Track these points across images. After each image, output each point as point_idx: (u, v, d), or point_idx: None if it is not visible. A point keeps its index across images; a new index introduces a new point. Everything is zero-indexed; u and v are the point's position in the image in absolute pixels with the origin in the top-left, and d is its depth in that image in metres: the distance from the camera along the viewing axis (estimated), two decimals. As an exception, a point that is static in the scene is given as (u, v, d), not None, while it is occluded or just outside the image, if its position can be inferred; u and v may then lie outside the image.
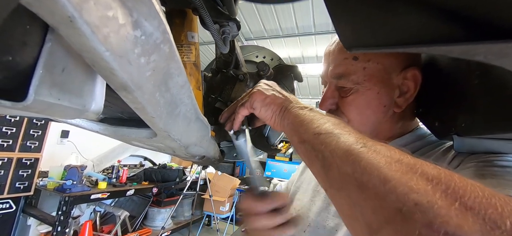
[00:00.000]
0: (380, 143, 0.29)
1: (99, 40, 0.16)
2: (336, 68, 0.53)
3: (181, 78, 0.30)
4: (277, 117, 0.46)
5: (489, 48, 0.15)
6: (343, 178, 0.28)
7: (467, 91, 0.42)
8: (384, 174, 0.24)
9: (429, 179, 0.23)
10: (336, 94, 0.55)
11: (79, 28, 0.14)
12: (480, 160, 0.41)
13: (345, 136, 0.31)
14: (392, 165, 0.25)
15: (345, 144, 0.30)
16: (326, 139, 0.33)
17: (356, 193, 0.26)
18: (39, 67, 0.17)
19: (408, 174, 0.23)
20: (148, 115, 0.28)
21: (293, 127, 0.41)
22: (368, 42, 0.19)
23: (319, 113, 0.40)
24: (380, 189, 0.24)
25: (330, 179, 0.31)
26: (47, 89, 0.18)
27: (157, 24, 0.20)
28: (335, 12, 0.19)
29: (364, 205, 0.25)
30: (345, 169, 0.28)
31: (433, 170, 0.24)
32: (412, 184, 0.22)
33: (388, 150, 0.27)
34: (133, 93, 0.23)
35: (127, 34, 0.18)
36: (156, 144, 0.48)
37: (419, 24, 0.17)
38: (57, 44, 0.18)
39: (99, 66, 0.18)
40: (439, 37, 0.16)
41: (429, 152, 0.51)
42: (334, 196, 0.31)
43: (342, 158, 0.29)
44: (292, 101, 0.45)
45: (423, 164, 0.24)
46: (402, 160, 0.25)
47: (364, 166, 0.26)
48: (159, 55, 0.23)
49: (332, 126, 0.35)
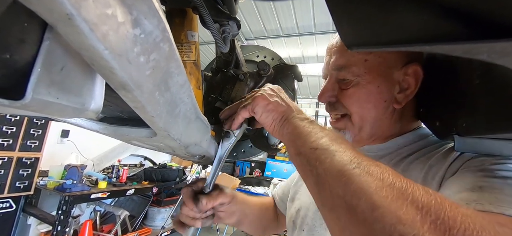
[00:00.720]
0: (376, 163, 0.29)
1: (98, 38, 0.16)
2: (338, 59, 0.53)
3: (181, 77, 0.30)
4: (277, 125, 0.46)
5: (492, 47, 0.15)
6: (334, 200, 0.28)
7: (468, 91, 0.42)
8: (373, 201, 0.24)
9: (418, 207, 0.22)
10: (336, 87, 0.55)
11: (78, 26, 0.14)
12: (480, 167, 0.40)
13: (340, 154, 0.31)
14: (383, 190, 0.24)
15: (338, 164, 0.29)
16: (321, 156, 0.32)
17: (345, 217, 0.26)
18: (37, 66, 0.17)
19: (398, 201, 0.23)
20: (147, 114, 0.28)
21: (291, 138, 0.41)
22: (369, 41, 0.19)
23: (319, 126, 0.40)
24: (368, 215, 0.23)
25: (322, 198, 0.31)
26: (45, 88, 0.18)
27: (156, 22, 0.20)
28: (336, 10, 0.19)
29: (353, 230, 0.25)
30: (336, 190, 0.28)
31: (424, 196, 0.23)
32: (400, 213, 0.22)
33: (382, 172, 0.27)
34: (132, 92, 0.22)
35: (126, 33, 0.18)
36: (156, 144, 0.47)
37: (420, 22, 0.16)
38: (55, 42, 0.18)
39: (98, 64, 0.18)
40: (441, 36, 0.16)
41: (431, 153, 0.50)
42: (326, 216, 0.31)
43: (335, 178, 0.29)
44: (294, 111, 0.45)
45: (415, 189, 0.24)
46: (394, 185, 0.25)
47: (354, 190, 0.26)
48: (158, 54, 0.23)
49: (329, 141, 0.34)
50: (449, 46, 0.16)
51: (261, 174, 4.99)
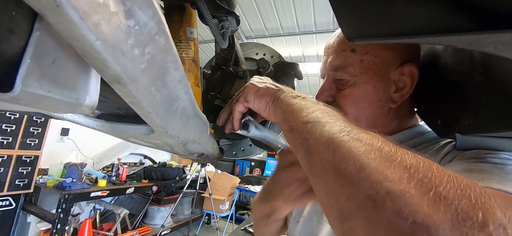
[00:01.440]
0: (367, 132, 0.29)
1: (89, 27, 0.15)
2: (334, 60, 0.53)
3: (178, 73, 0.30)
4: (270, 107, 0.45)
5: (499, 38, 0.14)
6: (323, 166, 0.28)
7: (470, 89, 0.41)
8: (361, 162, 0.24)
9: (406, 167, 0.22)
10: (333, 87, 0.55)
11: (67, 14, 0.14)
12: (472, 156, 0.41)
13: (330, 125, 0.31)
14: (371, 153, 0.24)
15: (329, 132, 0.29)
16: (312, 128, 0.32)
17: (333, 180, 0.26)
18: (26, 57, 0.16)
19: (386, 163, 0.23)
20: (144, 110, 0.27)
21: (284, 117, 0.41)
22: (372, 33, 0.18)
23: (311, 101, 0.39)
24: (355, 176, 0.24)
25: (311, 166, 0.31)
26: (36, 81, 0.17)
27: (151, 13, 0.19)
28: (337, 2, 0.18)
29: (339, 192, 0.25)
30: (325, 157, 0.28)
31: (412, 159, 0.23)
32: (387, 172, 0.22)
33: (371, 138, 0.27)
34: (127, 86, 0.22)
35: (119, 23, 0.17)
36: (154, 141, 0.47)
37: (424, 13, 0.16)
38: (46, 34, 0.17)
39: (91, 56, 0.17)
40: (446, 27, 0.16)
41: (426, 149, 0.51)
42: (314, 183, 0.31)
43: (324, 146, 0.29)
44: (285, 91, 0.45)
45: (404, 153, 0.24)
46: (383, 148, 0.25)
47: (343, 153, 0.26)
48: (154, 47, 0.22)
49: (320, 114, 0.34)
50: (454, 37, 0.15)
51: (261, 173, 4.99)
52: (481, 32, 0.14)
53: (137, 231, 3.04)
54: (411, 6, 0.16)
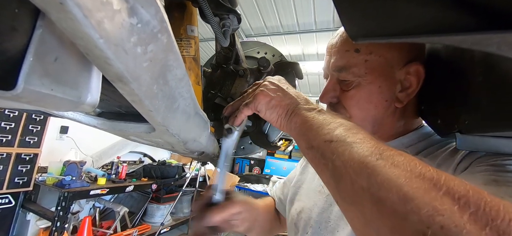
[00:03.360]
0: (399, 152, 0.27)
1: (92, 25, 0.15)
2: (338, 60, 0.52)
3: (179, 71, 0.29)
4: (283, 120, 0.44)
5: (503, 38, 0.14)
6: (357, 193, 0.26)
7: (471, 88, 0.41)
8: (405, 192, 0.22)
9: (455, 198, 0.20)
10: (337, 87, 0.54)
11: (70, 11, 0.13)
12: (490, 163, 0.39)
13: (359, 145, 0.29)
14: (413, 180, 0.23)
15: (359, 155, 0.27)
16: (338, 148, 0.30)
17: (371, 210, 0.24)
18: (29, 55, 0.16)
19: (432, 192, 0.21)
20: (145, 108, 0.27)
21: (300, 132, 0.39)
22: (375, 32, 0.18)
23: (329, 116, 0.37)
24: (400, 208, 0.22)
25: (342, 192, 0.29)
26: (38, 79, 0.17)
27: (154, 11, 0.19)
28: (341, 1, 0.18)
29: (381, 224, 0.23)
30: (359, 183, 0.26)
31: (459, 187, 0.21)
32: (436, 204, 0.20)
33: (408, 162, 0.25)
34: (129, 85, 0.22)
35: (122, 21, 0.17)
36: (155, 139, 0.47)
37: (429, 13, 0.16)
38: (48, 31, 0.17)
39: (93, 54, 0.17)
40: (449, 27, 0.16)
41: (436, 152, 0.50)
42: (346, 210, 0.29)
43: (356, 171, 0.27)
44: (299, 102, 0.43)
45: (448, 179, 0.22)
46: (424, 175, 0.23)
47: (381, 181, 0.24)
48: (156, 45, 0.22)
49: (344, 132, 0.32)
50: (458, 37, 0.15)
51: (260, 171, 5.00)
52: (485, 32, 0.14)
53: (137, 229, 3.04)
54: (415, 5, 0.16)
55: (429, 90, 0.53)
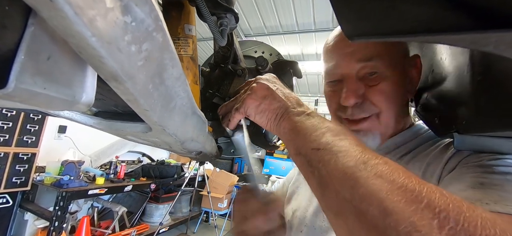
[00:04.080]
0: (384, 160, 0.27)
1: (84, 23, 0.15)
2: (363, 50, 0.49)
3: (176, 70, 0.29)
4: (273, 124, 0.43)
5: (501, 37, 0.14)
6: (341, 204, 0.26)
7: (469, 88, 0.41)
8: (385, 206, 0.22)
9: (435, 212, 0.21)
10: (360, 85, 0.51)
11: (61, 9, 0.13)
12: (478, 163, 0.40)
13: (343, 155, 0.28)
14: (394, 193, 0.23)
15: (343, 165, 0.27)
16: (324, 156, 0.30)
17: (353, 222, 0.24)
18: (20, 53, 0.16)
19: (412, 205, 0.21)
20: (141, 107, 0.27)
21: (289, 137, 0.38)
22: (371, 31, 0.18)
23: (317, 120, 0.37)
24: (380, 222, 0.22)
25: (327, 201, 0.29)
26: (30, 77, 0.17)
27: (148, 10, 0.19)
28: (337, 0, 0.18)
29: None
30: (343, 195, 0.26)
31: (440, 199, 0.21)
32: (415, 219, 0.20)
33: (392, 172, 0.25)
34: (124, 84, 0.22)
35: (115, 19, 0.17)
36: (152, 139, 0.47)
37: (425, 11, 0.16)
38: (40, 29, 0.17)
39: (86, 53, 0.17)
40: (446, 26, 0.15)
41: (426, 151, 0.50)
42: (331, 220, 0.29)
43: (340, 181, 0.27)
44: (289, 106, 0.41)
45: (429, 192, 0.22)
46: (406, 186, 0.23)
47: (363, 194, 0.24)
48: (151, 44, 0.22)
49: (331, 138, 0.32)
50: (454, 36, 0.15)
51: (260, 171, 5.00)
52: (482, 31, 0.14)
53: (135, 229, 3.03)
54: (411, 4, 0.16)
55: (427, 90, 0.53)
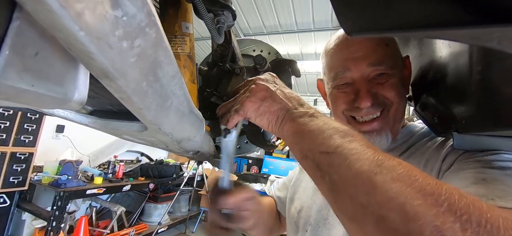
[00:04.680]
0: (398, 161, 0.26)
1: (71, 17, 0.14)
2: (371, 56, 0.52)
3: (171, 67, 0.29)
4: (274, 127, 0.42)
5: (505, 32, 0.14)
6: (357, 209, 0.25)
7: (469, 87, 0.41)
8: (406, 211, 0.22)
9: (457, 215, 0.20)
10: (372, 85, 0.53)
11: (46, 2, 0.13)
12: (476, 158, 0.40)
13: (355, 157, 0.27)
14: (414, 197, 0.22)
15: (357, 170, 0.26)
16: (333, 160, 0.29)
17: (373, 228, 0.23)
18: (4, 48, 0.15)
19: (433, 209, 0.21)
20: (135, 106, 0.26)
21: (293, 140, 0.37)
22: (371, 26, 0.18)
23: (322, 120, 0.35)
24: (402, 227, 0.21)
25: (340, 206, 0.28)
26: (16, 73, 0.16)
27: (140, 4, 0.18)
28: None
29: None
30: (359, 200, 0.25)
31: (460, 202, 0.21)
32: (438, 223, 0.20)
33: (408, 174, 0.24)
34: (116, 81, 0.21)
35: (105, 13, 0.16)
36: (148, 138, 0.46)
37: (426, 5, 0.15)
38: (27, 24, 0.16)
39: (75, 48, 0.17)
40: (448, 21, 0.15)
41: (425, 147, 0.52)
42: (346, 225, 0.28)
43: (355, 186, 0.26)
44: (290, 107, 0.40)
45: (449, 194, 0.22)
46: (425, 189, 0.23)
47: (381, 200, 0.23)
48: (144, 39, 0.21)
49: (340, 140, 0.30)
50: (456, 31, 0.15)
51: (258, 170, 4.99)
52: (485, 26, 0.14)
53: (134, 229, 3.02)
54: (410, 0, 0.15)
55: (427, 89, 0.53)
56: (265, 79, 0.46)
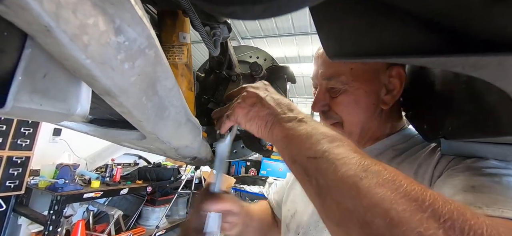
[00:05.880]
0: (383, 166, 0.27)
1: (78, 48, 0.16)
2: (326, 70, 0.55)
3: (169, 81, 0.30)
4: (264, 132, 0.43)
5: (465, 61, 0.15)
6: (343, 214, 0.25)
7: (455, 95, 0.43)
8: (391, 217, 0.22)
9: (440, 221, 0.21)
10: (327, 96, 0.57)
11: (57, 37, 0.14)
12: (466, 166, 0.41)
13: (342, 162, 0.28)
14: (398, 202, 0.22)
15: (343, 174, 0.26)
16: (321, 165, 0.29)
17: (358, 233, 0.24)
18: (18, 74, 0.17)
19: (417, 214, 0.21)
20: (135, 118, 0.28)
21: (282, 145, 0.38)
22: (350, 52, 0.19)
23: (310, 125, 0.36)
24: (386, 233, 0.22)
25: (327, 211, 0.28)
26: (27, 95, 0.18)
27: (140, 29, 0.20)
28: (319, 21, 0.19)
29: None
30: (344, 205, 0.25)
31: (444, 208, 0.22)
32: (421, 229, 0.20)
33: (393, 179, 0.25)
34: (117, 98, 0.22)
35: (109, 41, 0.18)
36: (147, 146, 0.47)
37: (399, 36, 0.17)
38: (37, 50, 0.18)
39: (80, 73, 0.18)
40: (418, 49, 0.17)
41: (417, 154, 0.52)
42: (332, 230, 0.29)
43: (341, 191, 0.26)
44: (279, 112, 0.41)
45: (433, 199, 0.22)
46: (410, 195, 0.23)
47: (367, 205, 0.23)
48: (144, 60, 0.23)
49: (327, 145, 0.31)
50: (425, 59, 0.16)
51: (257, 173, 5.00)
52: (449, 55, 0.16)
53: (131, 232, 3.01)
54: (383, 28, 0.17)
55: (417, 96, 0.55)
56: (256, 87, 0.47)
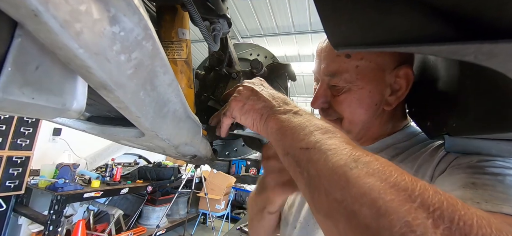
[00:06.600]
0: (375, 157, 0.26)
1: (70, 36, 0.15)
2: (329, 65, 0.52)
3: (167, 76, 0.29)
4: (259, 125, 0.42)
5: (479, 48, 0.15)
6: (332, 205, 0.25)
7: (459, 91, 0.42)
8: (378, 206, 0.21)
9: (429, 211, 0.20)
10: (328, 93, 0.55)
11: (46, 22, 0.13)
12: (469, 164, 0.40)
13: (333, 153, 0.27)
14: (387, 192, 0.22)
15: (333, 164, 0.26)
16: (312, 156, 0.29)
17: (345, 224, 0.23)
18: (7, 65, 0.16)
19: (406, 204, 0.21)
20: (132, 114, 0.27)
21: (276, 138, 0.37)
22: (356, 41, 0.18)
23: (305, 117, 0.36)
24: (372, 223, 0.21)
25: (317, 202, 0.28)
26: (17, 88, 0.17)
27: (137, 20, 0.19)
28: (324, 10, 0.18)
29: None
30: (333, 195, 0.25)
31: (434, 198, 0.21)
32: (410, 219, 0.20)
33: (383, 169, 0.24)
34: (114, 92, 0.22)
35: (103, 30, 0.17)
36: (146, 144, 0.47)
37: (408, 23, 0.16)
38: (28, 40, 0.17)
39: (74, 64, 0.17)
40: (429, 37, 0.16)
41: (418, 153, 0.51)
42: (321, 222, 0.28)
43: (330, 182, 0.25)
44: (274, 105, 0.40)
45: (423, 189, 0.22)
46: (399, 185, 0.22)
47: (355, 194, 0.23)
48: (141, 52, 0.22)
49: (320, 136, 0.30)
50: (437, 47, 0.16)
51: (257, 172, 5.00)
52: (462, 43, 0.15)
53: (132, 232, 3.01)
54: (394, 16, 0.16)
55: (419, 93, 0.54)
56: (252, 82, 0.47)
